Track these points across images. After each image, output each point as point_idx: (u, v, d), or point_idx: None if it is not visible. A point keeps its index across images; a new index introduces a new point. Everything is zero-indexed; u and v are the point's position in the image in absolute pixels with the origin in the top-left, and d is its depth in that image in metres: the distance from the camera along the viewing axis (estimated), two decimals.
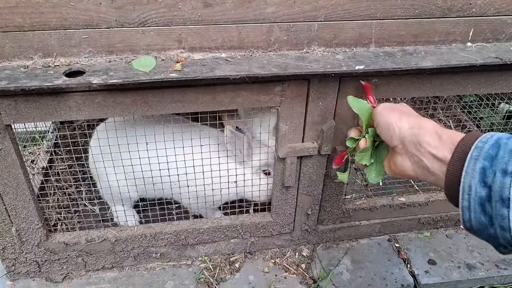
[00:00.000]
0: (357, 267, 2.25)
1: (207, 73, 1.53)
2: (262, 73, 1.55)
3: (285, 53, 1.68)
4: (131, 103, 1.65)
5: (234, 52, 1.65)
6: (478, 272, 2.24)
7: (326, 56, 1.68)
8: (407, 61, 1.66)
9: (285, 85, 1.73)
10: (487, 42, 1.82)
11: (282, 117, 1.82)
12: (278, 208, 2.14)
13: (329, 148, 1.93)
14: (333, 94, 1.80)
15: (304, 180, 2.05)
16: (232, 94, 1.70)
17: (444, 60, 1.68)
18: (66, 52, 1.55)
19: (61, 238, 2.03)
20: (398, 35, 1.73)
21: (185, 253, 2.21)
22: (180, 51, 1.61)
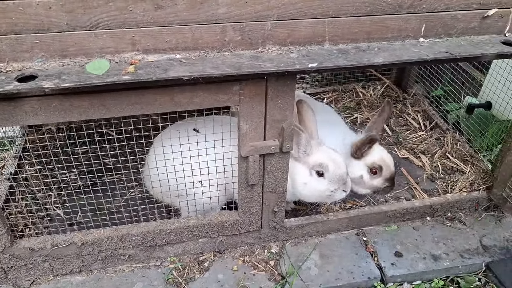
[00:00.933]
0: (325, 262, 2.28)
1: (161, 74, 1.54)
2: (215, 73, 1.57)
3: (240, 53, 1.70)
4: (89, 106, 1.65)
5: (189, 53, 1.67)
6: (443, 263, 2.29)
7: (281, 55, 1.70)
8: (360, 58, 1.70)
9: (243, 84, 1.74)
10: (439, 37, 1.86)
11: (242, 116, 1.84)
12: (245, 207, 2.15)
13: (290, 145, 1.96)
14: (291, 92, 1.82)
15: (268, 178, 2.08)
16: (190, 95, 1.72)
17: (396, 56, 1.72)
18: (18, 57, 1.55)
19: (26, 243, 2.02)
20: (352, 33, 1.76)
21: (154, 254, 2.22)
22: (134, 53, 1.62)
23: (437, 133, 3.12)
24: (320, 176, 2.15)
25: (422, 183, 2.79)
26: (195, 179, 2.08)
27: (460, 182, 2.67)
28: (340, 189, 2.17)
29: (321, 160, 2.14)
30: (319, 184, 2.15)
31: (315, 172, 2.15)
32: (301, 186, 2.18)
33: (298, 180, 2.17)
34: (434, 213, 2.53)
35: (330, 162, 2.15)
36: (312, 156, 2.15)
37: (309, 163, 2.15)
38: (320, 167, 2.14)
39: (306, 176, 2.16)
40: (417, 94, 3.48)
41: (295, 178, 2.18)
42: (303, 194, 2.22)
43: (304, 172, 2.17)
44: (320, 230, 2.40)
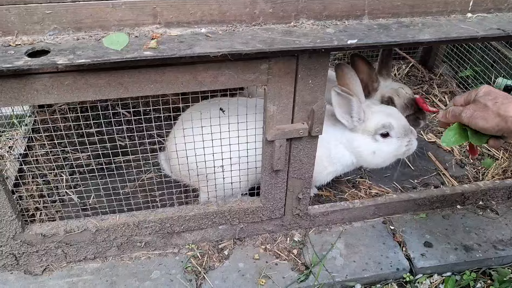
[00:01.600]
0: (351, 251, 2.16)
1: (185, 50, 1.39)
2: (245, 49, 1.42)
3: (271, 27, 1.54)
4: (105, 84, 1.51)
5: (215, 26, 1.51)
6: (476, 254, 2.17)
7: (316, 30, 1.54)
8: (403, 34, 1.54)
9: (271, 62, 1.59)
10: (488, 13, 1.69)
11: (270, 96, 1.69)
12: (268, 193, 2.03)
13: (320, 129, 1.81)
14: (323, 71, 1.67)
15: (294, 163, 1.94)
16: (214, 73, 1.57)
17: (443, 33, 1.56)
18: (28, 29, 1.40)
19: (38, 229, 1.92)
20: (393, 6, 1.60)
21: (171, 241, 2.11)
22: (155, 26, 1.47)
23: None
24: (386, 137, 2.00)
25: (451, 169, 2.64)
26: (218, 163, 1.95)
27: (493, 169, 2.52)
28: (412, 137, 2.05)
29: (382, 121, 1.99)
30: (390, 145, 2.01)
31: (379, 136, 2.00)
32: (370, 156, 2.05)
33: (365, 152, 2.04)
34: (465, 201, 2.40)
35: (391, 118, 2.00)
36: (369, 121, 2.00)
37: (369, 130, 2.00)
38: (384, 128, 1.99)
39: (372, 144, 2.02)
40: (444, 75, 3.30)
41: (360, 151, 2.04)
42: (376, 163, 2.09)
43: (368, 141, 2.02)
44: (345, 218, 2.28)
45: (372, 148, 2.02)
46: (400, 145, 2.03)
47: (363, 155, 2.06)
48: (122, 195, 2.04)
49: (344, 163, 2.15)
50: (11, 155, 2.48)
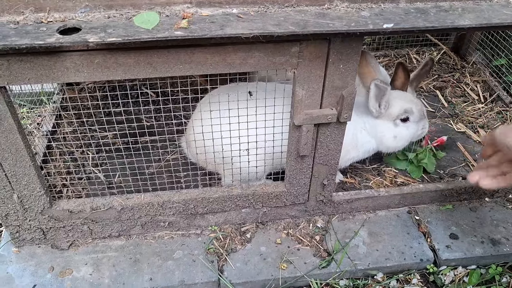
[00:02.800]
0: (374, 240, 2.14)
1: (217, 31, 1.36)
2: (278, 31, 1.39)
3: (304, 9, 1.50)
4: (134, 64, 1.50)
5: (247, 7, 1.48)
6: (503, 248, 2.12)
7: (350, 13, 1.49)
8: (442, 19, 1.47)
9: (303, 46, 1.55)
10: None
11: (299, 80, 1.66)
12: (292, 178, 2.01)
13: (349, 114, 1.78)
14: (356, 55, 1.62)
15: (321, 149, 1.91)
16: (244, 55, 1.54)
17: (484, 18, 1.49)
18: (60, 6, 1.40)
19: (66, 205, 1.95)
20: None
21: (195, 222, 2.13)
22: (186, 6, 1.45)
23: (499, 106, 2.86)
24: (406, 122, 2.13)
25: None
26: (242, 147, 1.94)
27: None
28: (425, 121, 2.22)
29: (405, 107, 2.10)
30: (409, 129, 2.15)
31: (400, 121, 2.11)
32: (391, 140, 2.15)
33: (387, 136, 2.14)
34: (494, 194, 2.33)
35: (411, 104, 2.12)
36: (392, 107, 2.09)
37: (392, 115, 2.10)
38: (405, 113, 2.10)
39: (393, 129, 2.12)
40: (477, 63, 3.19)
41: (382, 136, 2.13)
42: (395, 147, 2.19)
43: (390, 126, 2.12)
44: (370, 206, 2.25)
45: (394, 132, 2.13)
46: (417, 128, 2.18)
47: (384, 139, 2.15)
48: (148, 175, 2.05)
49: (366, 149, 2.20)
50: (39, 132, 2.52)
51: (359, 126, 2.14)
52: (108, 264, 2.00)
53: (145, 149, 1.97)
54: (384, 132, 2.13)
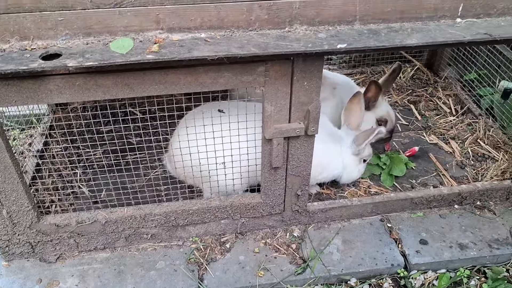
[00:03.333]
0: (347, 247, 2.25)
1: (185, 54, 1.50)
2: (241, 53, 1.53)
3: (267, 33, 1.65)
4: (112, 85, 1.64)
5: (214, 32, 1.63)
6: (470, 252, 2.22)
7: (308, 35, 1.64)
8: (392, 39, 1.62)
9: (268, 65, 1.70)
10: (477, 18, 1.76)
11: (267, 97, 1.80)
12: (267, 189, 2.13)
13: (315, 128, 1.91)
14: (318, 73, 1.76)
15: (292, 161, 2.04)
16: (214, 75, 1.68)
17: (431, 37, 1.63)
18: (43, 35, 1.54)
19: (52, 220, 2.06)
20: (384, 12, 1.68)
21: (176, 233, 2.23)
22: (158, 32, 1.59)
23: (469, 118, 3.01)
24: (364, 162, 2.44)
25: (451, 170, 2.70)
26: (219, 160, 2.07)
27: (492, 170, 2.57)
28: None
29: (371, 152, 2.43)
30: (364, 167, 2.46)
31: (363, 161, 2.42)
32: (355, 174, 2.43)
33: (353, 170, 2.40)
34: (463, 201, 2.45)
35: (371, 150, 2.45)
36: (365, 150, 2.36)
37: (361, 155, 2.37)
38: (369, 156, 2.43)
39: (358, 165, 2.40)
40: (449, 78, 3.35)
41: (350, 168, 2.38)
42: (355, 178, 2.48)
43: (357, 163, 2.39)
44: (344, 215, 2.36)
45: (358, 168, 2.41)
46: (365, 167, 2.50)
47: (349, 171, 2.39)
48: (130, 189, 2.17)
49: (334, 174, 2.41)
50: (30, 152, 2.64)
51: (336, 153, 2.34)
52: (93, 275, 2.10)
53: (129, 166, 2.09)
54: (352, 166, 2.37)
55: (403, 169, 2.60)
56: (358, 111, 2.36)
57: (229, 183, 2.16)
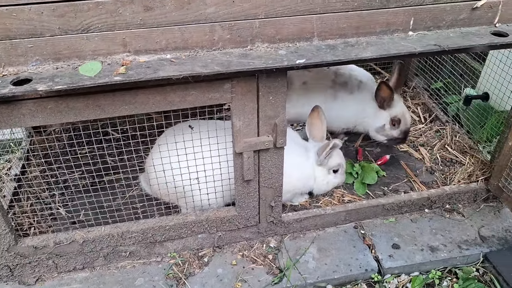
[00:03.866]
0: (323, 255, 2.31)
1: (151, 74, 1.58)
2: (204, 71, 1.61)
3: (230, 51, 1.73)
4: (84, 107, 1.70)
5: (179, 52, 1.70)
6: (441, 254, 2.30)
7: (269, 52, 1.73)
8: (348, 53, 1.72)
9: (234, 82, 1.78)
10: (428, 30, 1.87)
11: (235, 113, 1.88)
12: (242, 202, 2.19)
13: (284, 141, 1.98)
14: (282, 88, 1.85)
15: (264, 173, 2.11)
16: (182, 94, 1.76)
17: (384, 50, 1.74)
18: (14, 61, 1.60)
19: (30, 242, 2.09)
20: (340, 28, 1.78)
21: (154, 250, 2.27)
22: (125, 54, 1.66)
23: (437, 125, 3.12)
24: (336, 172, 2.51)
25: (421, 176, 2.79)
26: (192, 176, 2.13)
27: (459, 174, 2.67)
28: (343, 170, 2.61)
29: (338, 161, 2.49)
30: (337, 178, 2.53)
31: (332, 171, 2.49)
32: (324, 186, 2.52)
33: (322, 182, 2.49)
34: (432, 205, 2.54)
35: (342, 160, 2.53)
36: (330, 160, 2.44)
37: (329, 166, 2.46)
38: (338, 166, 2.50)
39: (327, 176, 2.48)
40: (417, 87, 3.47)
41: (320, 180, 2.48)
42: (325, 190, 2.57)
43: (325, 174, 2.48)
44: (318, 224, 2.43)
45: (327, 179, 2.49)
46: (342, 177, 2.57)
47: (320, 183, 2.49)
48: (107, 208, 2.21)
49: (308, 187, 2.50)
50: (8, 176, 2.67)
51: (308, 170, 2.44)
52: None
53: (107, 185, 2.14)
54: (321, 177, 2.47)
55: (375, 177, 2.69)
56: (319, 124, 2.45)
57: (204, 198, 2.22)
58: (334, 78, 2.83)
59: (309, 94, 2.83)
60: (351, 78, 2.84)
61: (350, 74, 2.85)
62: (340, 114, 2.87)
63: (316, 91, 2.82)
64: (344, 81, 2.83)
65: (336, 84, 2.83)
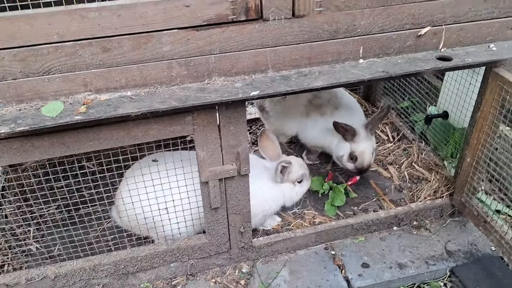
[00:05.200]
0: (294, 277, 2.35)
1: (110, 112, 1.65)
2: (162, 107, 1.68)
3: (188, 86, 1.81)
4: (49, 145, 1.76)
5: (139, 89, 1.78)
6: (409, 270, 2.36)
7: (226, 85, 1.81)
8: (300, 83, 1.81)
9: (195, 115, 1.85)
10: (378, 57, 1.98)
11: (198, 144, 1.95)
12: (211, 229, 2.24)
13: (247, 168, 2.05)
14: (242, 118, 1.93)
15: (231, 200, 2.17)
16: (144, 128, 1.82)
17: (335, 79, 1.83)
18: None
19: (1, 279, 2.10)
20: (293, 59, 1.88)
21: (128, 281, 2.30)
22: (87, 93, 1.73)
23: (404, 143, 3.22)
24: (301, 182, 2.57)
25: (390, 194, 2.87)
26: (161, 207, 2.17)
27: (425, 191, 2.76)
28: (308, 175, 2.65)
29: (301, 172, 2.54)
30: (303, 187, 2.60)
31: (297, 183, 2.54)
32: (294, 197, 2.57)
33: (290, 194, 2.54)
34: (400, 223, 2.61)
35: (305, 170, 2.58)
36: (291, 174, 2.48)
37: (292, 179, 2.51)
38: (302, 177, 2.55)
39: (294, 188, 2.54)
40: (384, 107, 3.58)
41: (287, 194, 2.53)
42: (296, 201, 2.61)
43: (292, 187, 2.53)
44: (290, 247, 2.48)
45: (295, 190, 2.55)
46: (308, 183, 2.64)
47: (289, 197, 2.54)
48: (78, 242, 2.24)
49: (279, 205, 2.54)
50: None
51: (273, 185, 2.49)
52: None
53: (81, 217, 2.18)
54: (288, 191, 2.52)
55: (343, 198, 2.75)
56: (270, 145, 2.48)
57: (175, 227, 2.26)
58: (311, 99, 2.94)
59: (287, 110, 3.00)
60: (329, 102, 2.91)
61: (329, 99, 2.92)
62: (310, 134, 2.99)
63: (293, 106, 2.98)
64: (320, 103, 2.92)
65: (312, 104, 2.94)
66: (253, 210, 2.29)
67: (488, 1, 1.95)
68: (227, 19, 1.71)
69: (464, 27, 1.99)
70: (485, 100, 2.20)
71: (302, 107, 2.97)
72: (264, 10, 1.72)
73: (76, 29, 1.58)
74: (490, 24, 2.01)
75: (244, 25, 1.74)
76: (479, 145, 2.30)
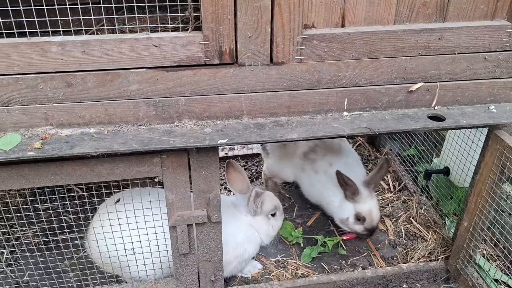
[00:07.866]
0: None
1: (66, 150, 1.57)
2: (121, 149, 1.59)
3: (155, 127, 1.72)
4: (7, 177, 1.68)
5: (103, 127, 1.70)
6: None
7: (195, 130, 1.71)
8: (274, 133, 1.69)
9: (164, 156, 1.75)
10: (364, 111, 1.84)
11: (167, 186, 1.84)
12: (180, 275, 2.11)
13: (218, 215, 1.93)
14: (214, 163, 1.81)
15: (202, 247, 2.04)
16: (109, 166, 1.73)
17: (312, 132, 1.71)
18: None
19: None
20: (270, 107, 1.76)
21: None
22: (48, 127, 1.66)
23: (405, 195, 3.03)
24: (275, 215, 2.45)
25: (383, 249, 2.68)
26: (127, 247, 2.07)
27: (420, 250, 2.56)
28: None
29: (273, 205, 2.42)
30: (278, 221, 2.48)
31: (271, 216, 2.42)
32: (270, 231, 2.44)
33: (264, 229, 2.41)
34: (388, 284, 2.41)
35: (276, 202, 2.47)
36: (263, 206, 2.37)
37: (265, 212, 2.39)
38: (274, 209, 2.42)
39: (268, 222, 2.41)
40: (389, 153, 3.41)
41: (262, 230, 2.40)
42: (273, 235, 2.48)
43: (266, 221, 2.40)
44: None
45: (270, 224, 2.42)
46: (282, 216, 2.52)
47: (265, 233, 2.40)
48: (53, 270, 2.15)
49: (256, 242, 2.40)
50: None
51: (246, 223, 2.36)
52: None
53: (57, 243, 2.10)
54: (262, 226, 2.38)
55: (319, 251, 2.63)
56: (239, 176, 2.30)
57: (141, 268, 2.14)
58: (306, 152, 2.72)
59: (286, 157, 2.84)
60: (324, 158, 2.67)
61: (325, 154, 2.68)
62: (306, 189, 2.82)
63: (292, 155, 2.80)
64: (314, 158, 2.70)
65: (307, 158, 2.72)
66: (226, 257, 2.16)
67: (489, 60, 1.79)
68: (199, 62, 1.62)
69: (461, 86, 1.84)
70: (484, 163, 2.02)
71: (298, 160, 2.76)
72: (239, 54, 1.62)
73: (37, 62, 1.53)
74: (491, 83, 1.86)
75: (218, 68, 1.65)
76: (476, 210, 2.11)
